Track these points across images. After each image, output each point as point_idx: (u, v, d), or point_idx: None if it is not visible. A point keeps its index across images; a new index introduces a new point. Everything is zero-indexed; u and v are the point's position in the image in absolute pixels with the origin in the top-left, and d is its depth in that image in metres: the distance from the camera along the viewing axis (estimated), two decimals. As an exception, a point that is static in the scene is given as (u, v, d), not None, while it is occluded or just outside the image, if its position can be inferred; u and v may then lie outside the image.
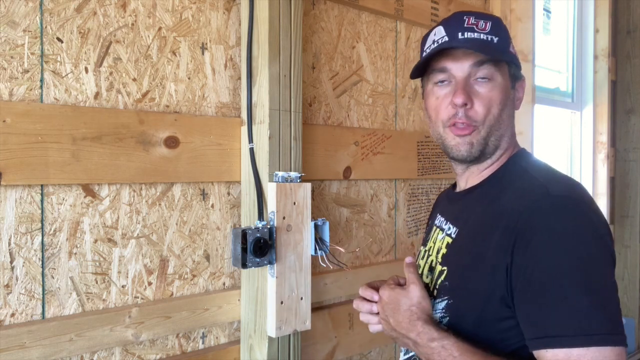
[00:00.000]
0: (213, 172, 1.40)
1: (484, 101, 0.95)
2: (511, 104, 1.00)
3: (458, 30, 0.96)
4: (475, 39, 0.95)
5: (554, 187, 0.89)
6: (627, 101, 3.29)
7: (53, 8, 1.15)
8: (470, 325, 0.92)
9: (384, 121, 1.89)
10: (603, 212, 3.24)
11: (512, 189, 0.94)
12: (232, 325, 1.48)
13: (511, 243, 0.86)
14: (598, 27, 3.15)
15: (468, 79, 0.96)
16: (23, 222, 1.12)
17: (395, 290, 0.98)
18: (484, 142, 0.97)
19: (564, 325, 0.79)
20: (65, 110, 1.15)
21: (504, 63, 0.97)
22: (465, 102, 0.94)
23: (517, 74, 1.01)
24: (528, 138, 2.42)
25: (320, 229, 1.49)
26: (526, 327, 0.84)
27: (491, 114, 0.96)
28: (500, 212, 0.91)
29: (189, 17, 1.37)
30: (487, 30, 0.96)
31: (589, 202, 0.88)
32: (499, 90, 0.96)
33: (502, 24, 1.00)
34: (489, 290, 0.88)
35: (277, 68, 1.41)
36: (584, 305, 0.78)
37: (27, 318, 1.13)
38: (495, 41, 0.96)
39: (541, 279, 0.82)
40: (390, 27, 1.92)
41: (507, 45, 0.99)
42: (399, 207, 1.95)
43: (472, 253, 0.94)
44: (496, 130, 0.97)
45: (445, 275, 0.99)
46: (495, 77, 0.96)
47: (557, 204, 0.85)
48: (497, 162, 1.02)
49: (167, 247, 1.34)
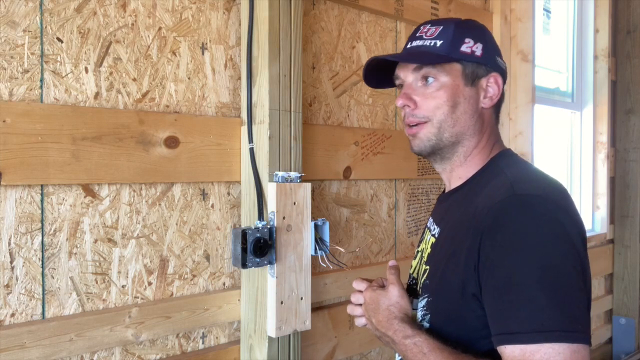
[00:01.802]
0: (213, 172, 1.40)
1: (428, 100, 1.01)
2: (468, 101, 1.01)
3: (409, 41, 1.06)
4: (418, 46, 1.03)
5: (520, 187, 0.90)
6: (627, 101, 3.29)
7: (53, 8, 1.15)
8: (448, 323, 0.95)
9: (384, 121, 1.89)
10: (603, 213, 3.23)
11: (487, 189, 0.96)
12: (232, 325, 1.48)
13: (478, 242, 0.88)
14: (598, 27, 3.15)
15: (415, 82, 1.02)
16: (23, 222, 1.12)
17: (377, 292, 1.04)
18: (435, 138, 1.01)
19: (521, 322, 0.81)
20: (65, 110, 1.15)
21: (454, 63, 1.00)
22: (404, 104, 1.02)
23: (479, 72, 1.01)
24: (528, 138, 2.42)
25: (320, 229, 1.49)
26: (491, 323, 0.86)
27: (439, 111, 1.00)
28: (473, 212, 0.93)
29: (189, 17, 1.37)
30: (433, 36, 1.02)
31: (557, 201, 0.89)
32: (445, 90, 0.99)
33: (458, 25, 1.02)
34: (462, 288, 0.91)
35: (277, 68, 1.41)
36: (541, 303, 0.80)
37: (27, 318, 1.13)
38: (437, 45, 1.00)
39: (503, 276, 0.84)
40: (390, 27, 1.92)
41: (456, 46, 1.00)
42: (399, 207, 1.95)
43: (448, 252, 0.97)
44: (449, 126, 1.00)
45: (427, 274, 1.03)
46: (439, 77, 1.00)
47: (521, 202, 0.87)
48: (470, 161, 1.04)
49: (167, 247, 1.34)
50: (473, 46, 1.01)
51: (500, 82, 1.03)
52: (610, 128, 3.19)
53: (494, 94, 1.02)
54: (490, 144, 1.04)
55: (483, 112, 1.03)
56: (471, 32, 1.02)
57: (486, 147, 1.04)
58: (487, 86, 1.02)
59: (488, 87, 1.02)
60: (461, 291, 0.91)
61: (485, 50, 1.02)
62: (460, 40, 1.00)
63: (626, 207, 3.28)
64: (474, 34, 1.02)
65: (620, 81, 3.30)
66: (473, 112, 1.01)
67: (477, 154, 1.03)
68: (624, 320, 3.29)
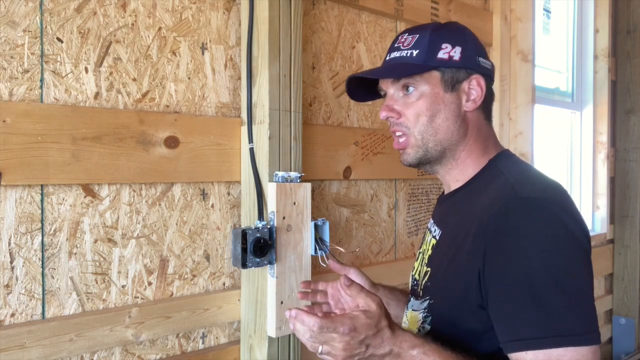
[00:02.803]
0: (213, 172, 1.40)
1: (410, 109, 1.01)
2: (448, 107, 1.00)
3: (388, 52, 1.06)
4: (396, 57, 1.03)
5: (522, 189, 0.90)
6: (627, 101, 3.29)
7: (53, 8, 1.15)
8: (449, 325, 0.94)
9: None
10: (603, 213, 3.22)
11: (486, 191, 0.96)
12: (232, 325, 1.48)
13: (482, 246, 0.87)
14: (598, 27, 3.15)
15: (396, 93, 1.03)
16: (23, 222, 1.12)
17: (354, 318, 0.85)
18: (422, 151, 1.02)
19: (538, 326, 0.80)
20: (65, 110, 1.15)
21: (432, 71, 1.00)
22: (387, 115, 1.04)
23: (459, 76, 1.00)
24: (528, 138, 2.41)
25: (320, 229, 1.49)
26: (499, 330, 0.85)
27: (420, 122, 1.00)
28: (473, 216, 0.93)
29: (189, 17, 1.37)
30: (410, 46, 1.01)
31: (560, 203, 0.88)
32: (424, 99, 1.00)
33: (433, 32, 1.01)
34: (463, 292, 0.90)
35: (277, 68, 1.41)
36: (555, 306, 0.80)
37: (27, 318, 1.13)
38: (414, 55, 1.00)
39: (511, 282, 0.83)
40: (390, 27, 1.92)
41: (433, 53, 0.99)
42: (399, 207, 1.95)
43: (449, 255, 0.96)
44: (431, 136, 1.01)
45: (428, 276, 1.02)
46: (418, 86, 1.00)
47: (524, 205, 0.87)
48: (463, 164, 1.03)
49: (167, 247, 1.34)
50: (451, 51, 1.00)
51: (482, 84, 1.02)
52: (610, 128, 3.19)
53: (477, 96, 1.02)
54: (480, 145, 1.04)
55: (467, 115, 1.02)
56: (448, 37, 1.01)
57: (476, 149, 1.03)
58: (469, 89, 1.01)
59: (470, 90, 1.01)
60: (463, 295, 0.90)
61: (464, 54, 1.00)
62: (437, 47, 1.00)
63: (626, 207, 3.28)
64: (452, 38, 1.01)
65: (620, 81, 3.30)
66: (455, 117, 1.01)
67: (468, 157, 1.03)
68: (624, 320, 3.29)
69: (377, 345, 0.85)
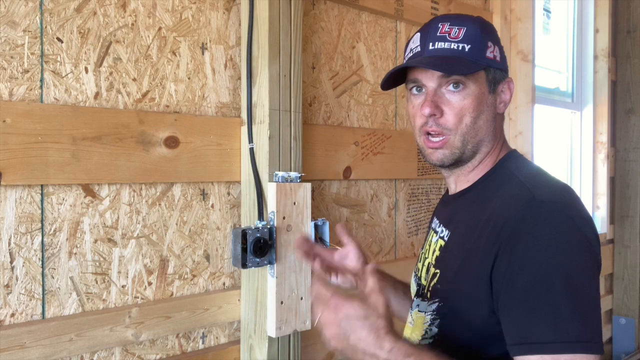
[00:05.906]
0: (213, 172, 1.40)
1: (455, 110, 0.95)
2: (489, 109, 0.98)
3: (429, 40, 0.96)
4: (445, 49, 0.95)
5: (540, 193, 0.88)
6: (627, 101, 3.29)
7: (53, 8, 1.15)
8: (458, 329, 0.92)
9: (384, 121, 1.89)
10: (603, 213, 3.23)
11: (500, 194, 0.94)
12: (232, 325, 1.48)
13: (496, 249, 0.86)
14: (598, 27, 3.15)
15: (439, 88, 0.96)
16: (23, 222, 1.12)
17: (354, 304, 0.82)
18: (459, 152, 0.97)
19: (548, 331, 0.79)
20: (65, 110, 1.15)
21: (480, 69, 0.96)
22: (432, 113, 0.95)
23: (498, 77, 0.99)
24: (528, 138, 2.42)
25: (320, 229, 1.49)
26: (508, 332, 0.84)
27: (463, 123, 0.95)
28: (487, 218, 0.91)
29: (189, 17, 1.37)
30: (459, 39, 0.95)
31: (576, 208, 0.87)
32: (471, 99, 0.95)
33: (480, 27, 0.97)
34: (475, 295, 0.89)
35: (277, 68, 1.41)
36: (565, 312, 0.79)
37: (27, 318, 1.13)
38: (466, 50, 0.94)
39: (524, 285, 0.82)
40: (390, 27, 1.92)
41: (483, 51, 0.96)
42: (399, 207, 1.95)
43: (460, 258, 0.94)
44: (472, 137, 0.96)
45: (437, 278, 1.00)
46: (468, 85, 0.95)
47: (543, 209, 0.85)
48: (481, 165, 1.01)
49: (167, 247, 1.34)
50: (494, 50, 0.98)
51: (512, 87, 1.01)
52: (610, 128, 3.20)
53: (507, 98, 1.01)
54: (500, 146, 1.03)
55: (497, 117, 1.01)
56: (490, 35, 0.98)
57: (496, 151, 1.02)
58: (501, 91, 1.00)
59: (502, 92, 1.00)
60: (474, 298, 0.89)
61: (502, 54, 1.00)
62: (485, 45, 0.96)
63: (626, 207, 3.28)
64: (492, 36, 0.99)
65: (620, 81, 3.30)
66: (492, 119, 0.99)
67: (489, 159, 1.01)
68: (624, 320, 3.29)
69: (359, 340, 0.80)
